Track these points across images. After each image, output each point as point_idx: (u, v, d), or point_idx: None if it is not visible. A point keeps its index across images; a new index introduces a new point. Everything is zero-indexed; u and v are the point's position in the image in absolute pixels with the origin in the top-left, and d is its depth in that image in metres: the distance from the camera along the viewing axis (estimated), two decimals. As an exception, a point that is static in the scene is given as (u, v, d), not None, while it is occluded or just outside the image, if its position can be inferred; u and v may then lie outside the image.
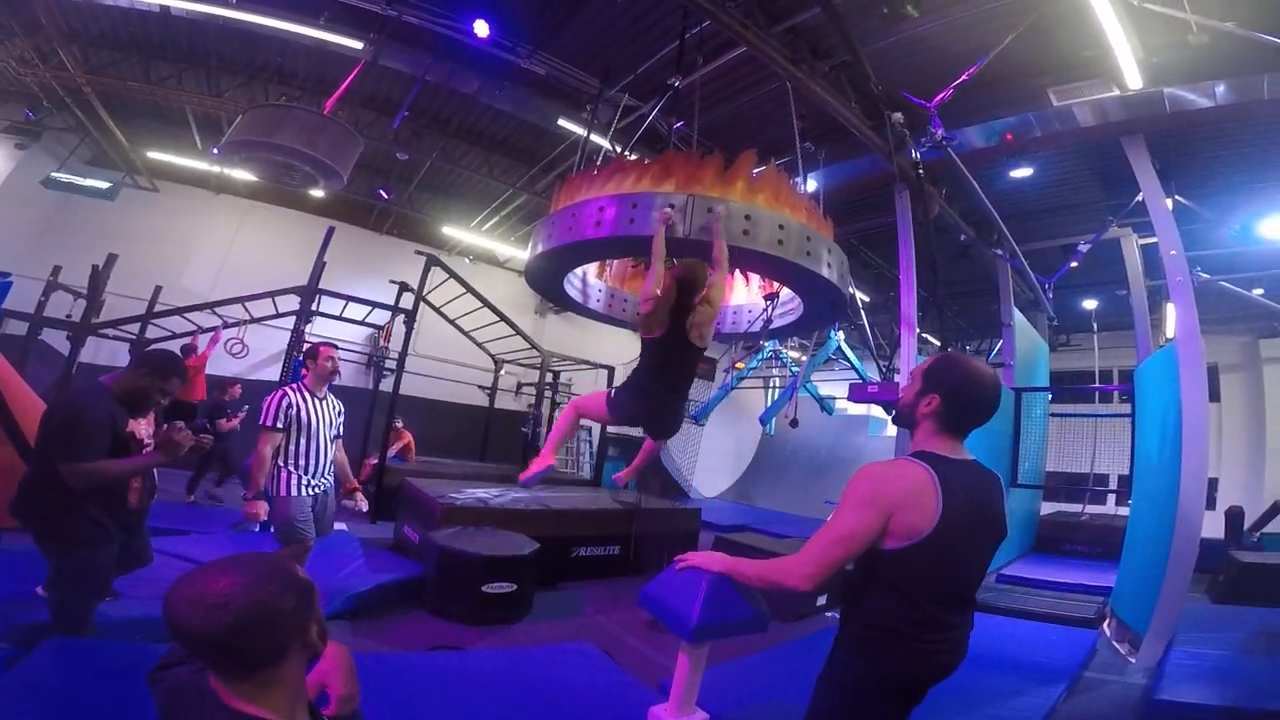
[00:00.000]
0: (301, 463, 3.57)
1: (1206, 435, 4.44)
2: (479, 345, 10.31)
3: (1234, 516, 9.26)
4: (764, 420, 11.92)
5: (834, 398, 12.64)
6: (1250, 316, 11.39)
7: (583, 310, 5.55)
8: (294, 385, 3.73)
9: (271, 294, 7.37)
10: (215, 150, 7.16)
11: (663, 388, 3.25)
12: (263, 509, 3.43)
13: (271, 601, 0.96)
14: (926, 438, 1.64)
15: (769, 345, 11.86)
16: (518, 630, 4.39)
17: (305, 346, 4.22)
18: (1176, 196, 6.46)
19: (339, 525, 5.96)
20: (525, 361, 10.61)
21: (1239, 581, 6.70)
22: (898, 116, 5.03)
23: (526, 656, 3.58)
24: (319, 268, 7.62)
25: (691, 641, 1.77)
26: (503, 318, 8.99)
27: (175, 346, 8.80)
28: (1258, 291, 8.61)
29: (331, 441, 3.78)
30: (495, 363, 11.17)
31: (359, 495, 3.98)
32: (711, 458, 14.78)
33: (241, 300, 7.55)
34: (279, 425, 3.51)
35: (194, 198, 11.23)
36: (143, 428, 2.86)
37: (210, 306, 7.71)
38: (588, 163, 6.46)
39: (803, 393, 12.31)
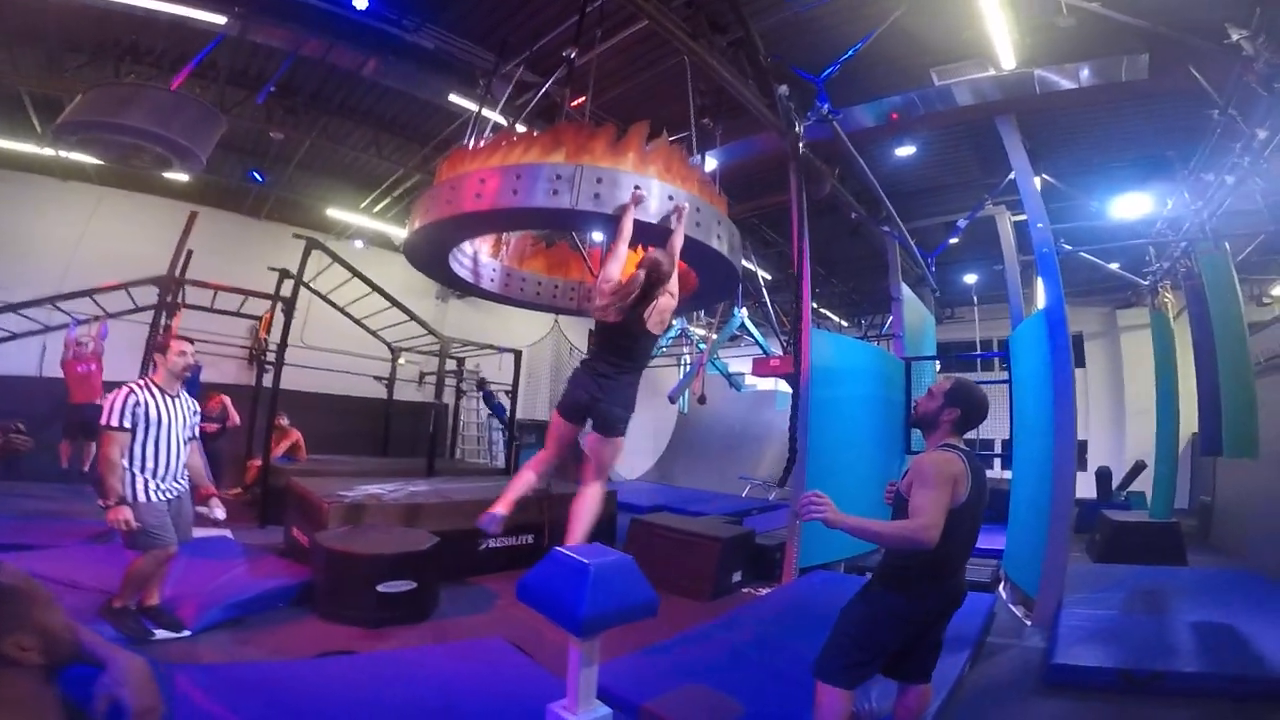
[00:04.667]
0: (150, 465, 3.35)
1: (1074, 392, 4.74)
2: (373, 333, 9.73)
3: (1103, 476, 10.18)
4: (672, 398, 11.99)
5: (743, 374, 12.87)
6: (1108, 289, 12.48)
7: (475, 290, 5.33)
8: (140, 381, 3.46)
9: (124, 285, 6.60)
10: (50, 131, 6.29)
11: (611, 368, 3.17)
12: (128, 513, 3.19)
13: None
14: (946, 435, 2.34)
15: (677, 323, 11.91)
16: (424, 629, 4.19)
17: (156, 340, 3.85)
18: (1044, 175, 6.90)
19: (222, 531, 5.53)
20: (425, 349, 10.12)
21: (1114, 540, 7.29)
22: (784, 89, 5.06)
23: (428, 656, 3.39)
24: (180, 255, 6.90)
25: (580, 636, 1.65)
26: (394, 302, 8.48)
27: (16, 347, 7.82)
28: (1114, 265, 9.41)
29: (185, 443, 3.53)
30: (392, 351, 10.60)
31: (215, 502, 3.74)
32: (630, 439, 14.66)
33: (89, 293, 6.70)
34: (125, 425, 3.27)
35: (36, 186, 9.81)
36: None
37: (50, 301, 6.80)
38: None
39: (712, 370, 12.48)
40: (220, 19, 6.04)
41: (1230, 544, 8.12)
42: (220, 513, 3.81)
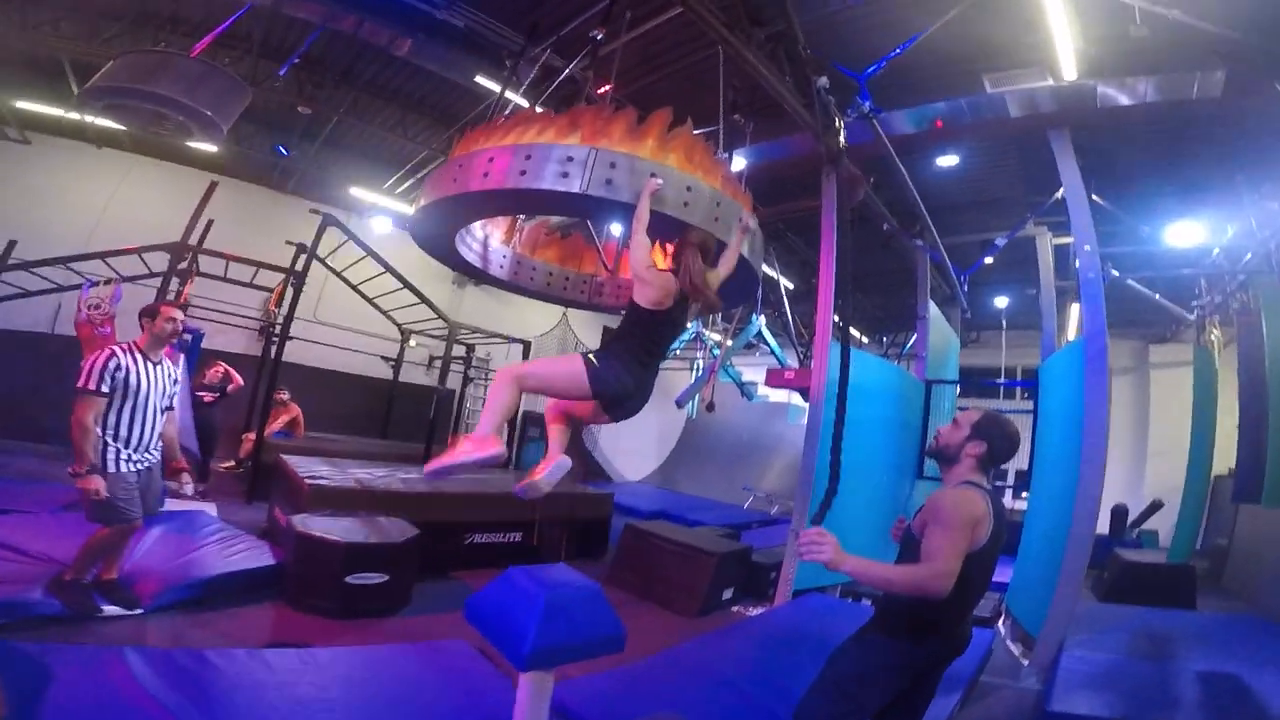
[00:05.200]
0: (123, 433, 3.20)
1: (1107, 430, 4.40)
2: (384, 313, 9.60)
3: (1118, 514, 9.76)
4: (680, 403, 11.72)
5: (756, 383, 12.57)
6: (1143, 322, 12.02)
7: (483, 276, 5.13)
8: (124, 345, 3.31)
9: (138, 250, 6.51)
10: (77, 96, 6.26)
11: (654, 364, 2.98)
12: (99, 483, 3.04)
13: None
14: (969, 471, 2.12)
15: (692, 326, 11.66)
16: (392, 624, 4.00)
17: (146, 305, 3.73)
18: (1094, 196, 6.54)
19: (203, 505, 5.44)
20: (435, 333, 9.96)
21: (1123, 580, 6.89)
22: (823, 81, 4.78)
23: (382, 655, 3.16)
24: (194, 223, 6.80)
25: (524, 670, 1.43)
26: (404, 282, 8.33)
27: (32, 303, 7.81)
28: (1157, 296, 8.98)
29: (161, 412, 3.39)
30: (401, 333, 10.46)
31: (185, 476, 3.59)
32: (636, 440, 14.54)
33: (101, 256, 6.61)
34: (103, 389, 3.11)
35: (72, 150, 9.86)
36: None
37: (62, 262, 6.71)
38: (502, 120, 6.00)
39: (725, 377, 12.19)
40: (253, -10, 5.99)
41: (1244, 589, 7.73)
42: (190, 488, 3.66)
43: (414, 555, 4.33)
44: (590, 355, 2.75)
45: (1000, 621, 5.48)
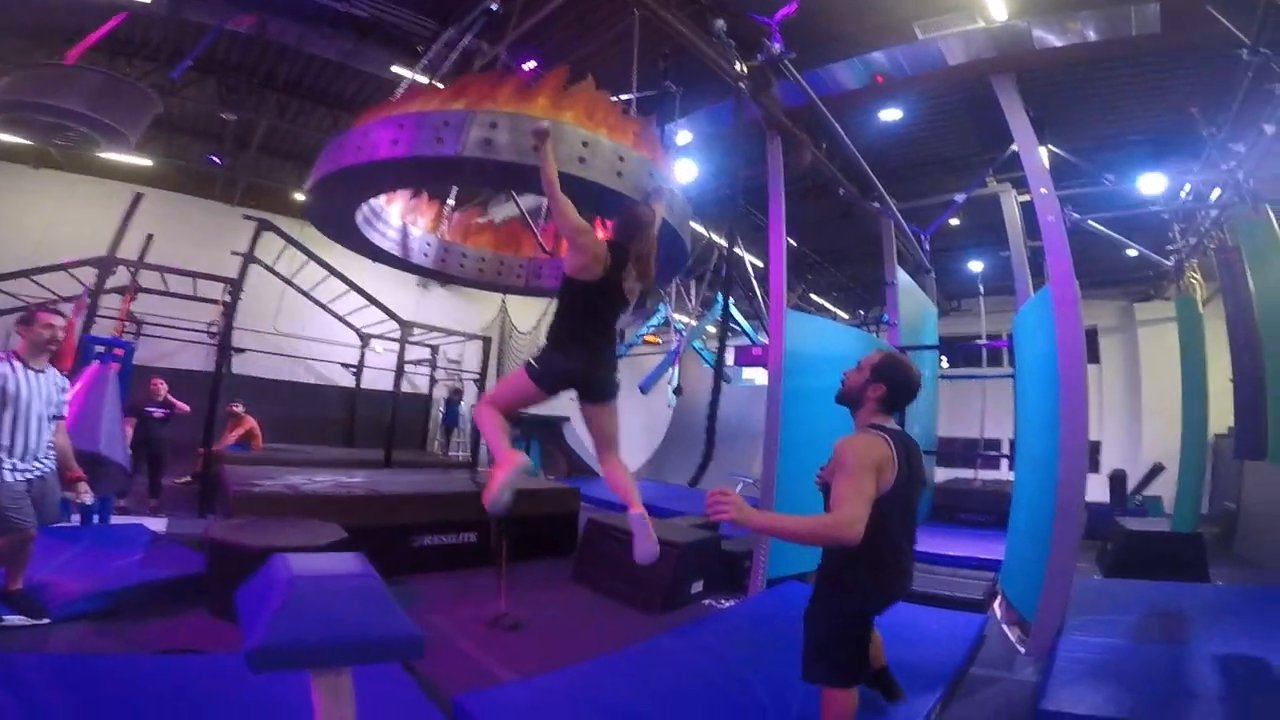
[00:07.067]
0: (5, 442, 3.13)
1: (1085, 379, 4.00)
2: (338, 318, 9.36)
3: (1118, 480, 9.47)
4: (643, 388, 11.39)
5: (737, 368, 12.32)
6: (1124, 280, 11.75)
7: (404, 265, 4.94)
8: (2, 354, 3.26)
9: (63, 266, 6.28)
10: None
11: (602, 337, 2.87)
12: None
13: None
14: (872, 414, 2.17)
15: (662, 307, 11.40)
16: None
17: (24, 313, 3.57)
18: (1050, 146, 6.25)
19: (149, 520, 5.42)
20: (395, 336, 9.72)
21: (1127, 551, 6.46)
22: (720, 24, 4.49)
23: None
24: (122, 236, 6.57)
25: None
26: (348, 283, 8.06)
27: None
28: (1133, 252, 8.70)
29: (50, 421, 3.34)
30: (361, 338, 10.23)
31: (81, 486, 3.51)
32: (622, 435, 14.18)
33: (27, 274, 6.37)
34: None
35: (7, 173, 9.60)
36: None
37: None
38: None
39: (705, 363, 11.88)
40: (145, -3, 5.83)
41: (1258, 555, 7.33)
42: (89, 498, 3.57)
43: (341, 560, 4.09)
44: (530, 360, 2.80)
45: (995, 604, 5.07)
